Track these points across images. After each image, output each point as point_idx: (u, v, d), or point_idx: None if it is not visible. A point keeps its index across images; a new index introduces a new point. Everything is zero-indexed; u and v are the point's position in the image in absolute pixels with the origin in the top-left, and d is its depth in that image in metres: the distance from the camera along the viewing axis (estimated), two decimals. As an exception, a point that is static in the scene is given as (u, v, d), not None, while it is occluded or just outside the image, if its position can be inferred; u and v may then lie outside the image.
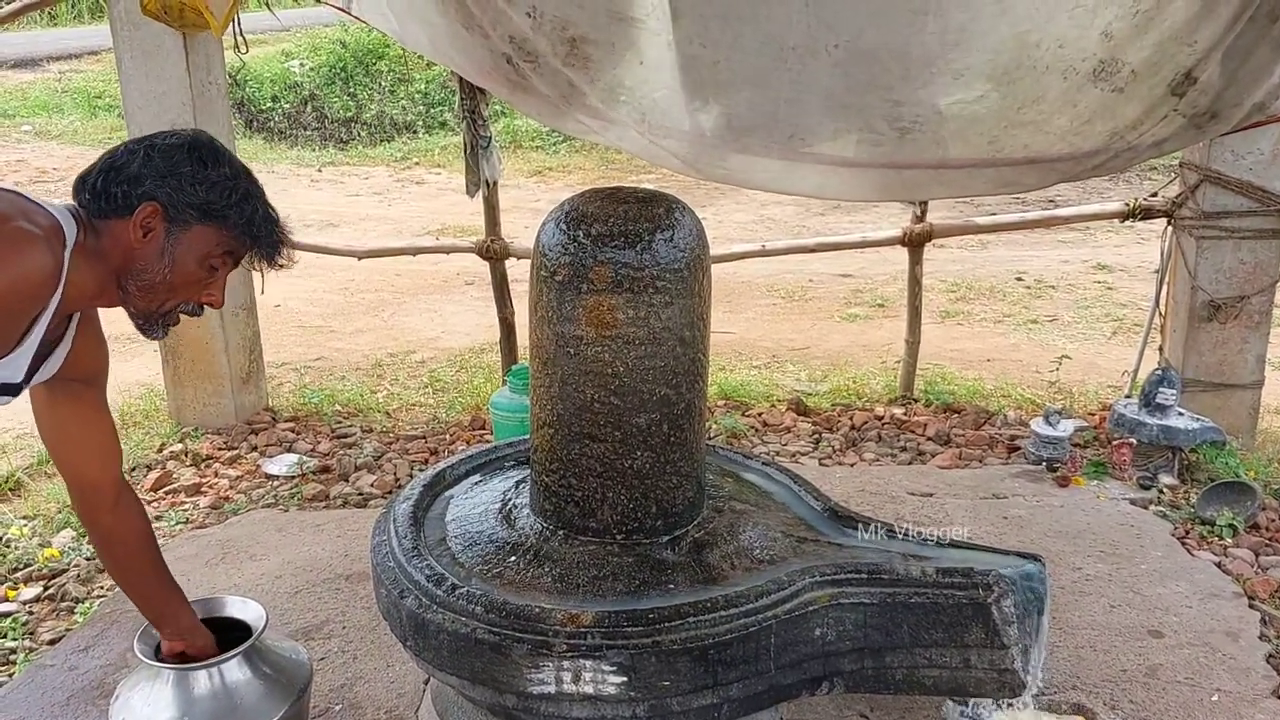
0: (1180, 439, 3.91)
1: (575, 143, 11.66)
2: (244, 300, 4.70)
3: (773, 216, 9.31)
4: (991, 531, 3.52)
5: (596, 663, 1.94)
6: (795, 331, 6.33)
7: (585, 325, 2.13)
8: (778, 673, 2.07)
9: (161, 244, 1.80)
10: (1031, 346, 5.97)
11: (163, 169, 1.79)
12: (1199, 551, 3.40)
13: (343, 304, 7.06)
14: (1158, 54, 2.88)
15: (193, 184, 1.80)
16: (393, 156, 12.15)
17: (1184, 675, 2.74)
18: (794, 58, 2.93)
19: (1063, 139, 3.11)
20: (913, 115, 3.03)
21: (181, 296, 1.87)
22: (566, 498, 2.26)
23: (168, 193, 1.79)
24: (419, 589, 2.11)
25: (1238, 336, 4.19)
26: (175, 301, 1.87)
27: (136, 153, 1.81)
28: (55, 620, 3.21)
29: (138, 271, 1.81)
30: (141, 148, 1.82)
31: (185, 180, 1.80)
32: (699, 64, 3.03)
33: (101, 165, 1.82)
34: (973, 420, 4.60)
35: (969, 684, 2.19)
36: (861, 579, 2.13)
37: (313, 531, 3.66)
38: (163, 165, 1.79)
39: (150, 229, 1.79)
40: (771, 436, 4.53)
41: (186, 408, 4.67)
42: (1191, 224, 4.16)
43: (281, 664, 2.29)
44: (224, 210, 1.83)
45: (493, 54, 3.17)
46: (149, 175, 1.79)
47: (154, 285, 1.83)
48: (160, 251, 1.81)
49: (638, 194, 2.26)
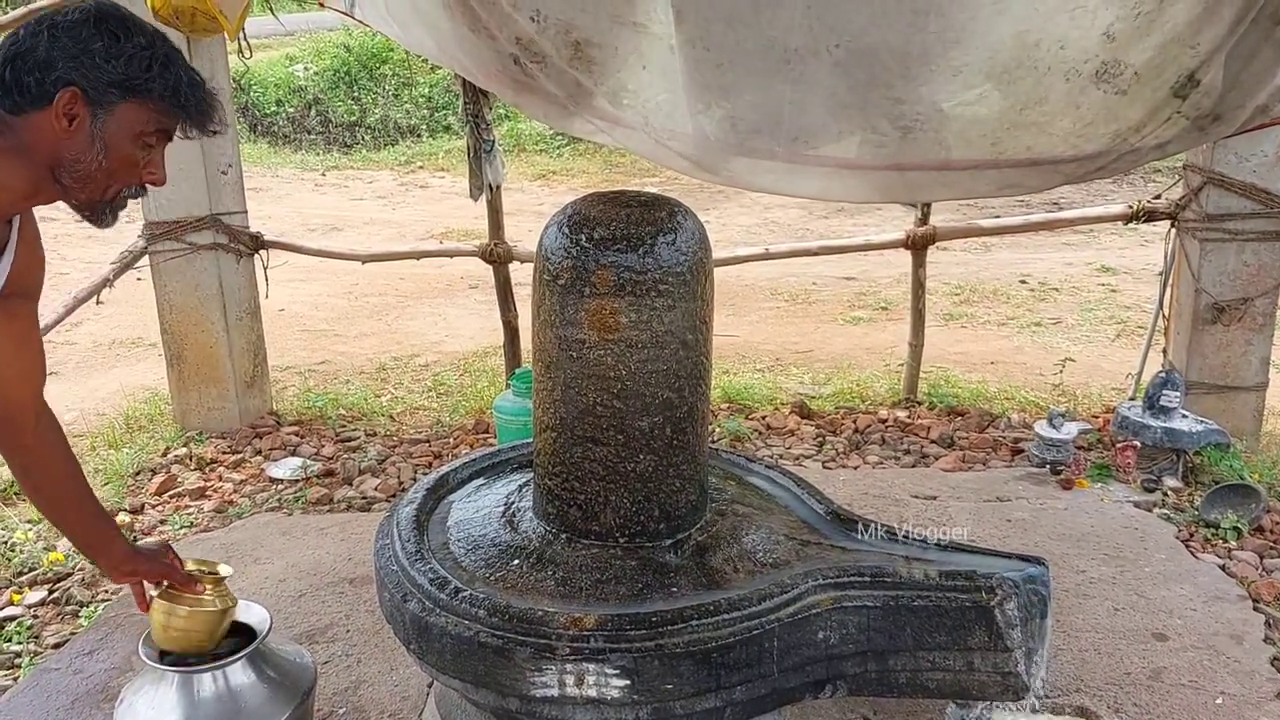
0: (1184, 441, 3.91)
1: (579, 146, 11.68)
2: (248, 305, 4.71)
3: (776, 220, 9.32)
4: (995, 534, 3.52)
5: (600, 666, 1.94)
6: (798, 334, 6.33)
7: (588, 329, 2.14)
8: (781, 676, 2.06)
9: (89, 130, 1.70)
10: (1035, 349, 5.97)
11: (73, 49, 1.67)
12: (1203, 554, 3.39)
13: (347, 308, 7.07)
14: (1160, 56, 2.89)
15: (108, 60, 1.68)
16: (396, 160, 12.18)
17: (1188, 678, 2.73)
18: (796, 59, 2.94)
19: (1066, 141, 3.11)
20: (914, 114, 3.04)
21: (122, 181, 1.78)
22: (569, 501, 2.26)
23: (84, 74, 1.67)
24: (422, 592, 2.11)
25: (1241, 339, 4.18)
26: (117, 186, 1.78)
27: (40, 34, 1.68)
28: (60, 624, 3.21)
29: (70, 163, 1.72)
30: (44, 28, 1.68)
31: (99, 57, 1.68)
32: (702, 67, 3.04)
33: (4, 54, 1.69)
34: (976, 423, 4.60)
35: (972, 687, 2.18)
36: (865, 582, 2.13)
37: (316, 535, 3.67)
38: (72, 45, 1.67)
39: (74, 115, 1.68)
40: (775, 439, 4.53)
41: (191, 412, 4.67)
42: (1195, 226, 4.15)
43: (286, 667, 2.29)
44: (146, 83, 1.72)
45: (499, 55, 3.18)
46: (60, 58, 1.67)
47: (91, 174, 1.74)
48: (90, 138, 1.71)
49: (640, 198, 2.27)
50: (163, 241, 4.43)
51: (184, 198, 4.31)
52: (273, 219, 8.15)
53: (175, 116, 1.79)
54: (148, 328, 4.97)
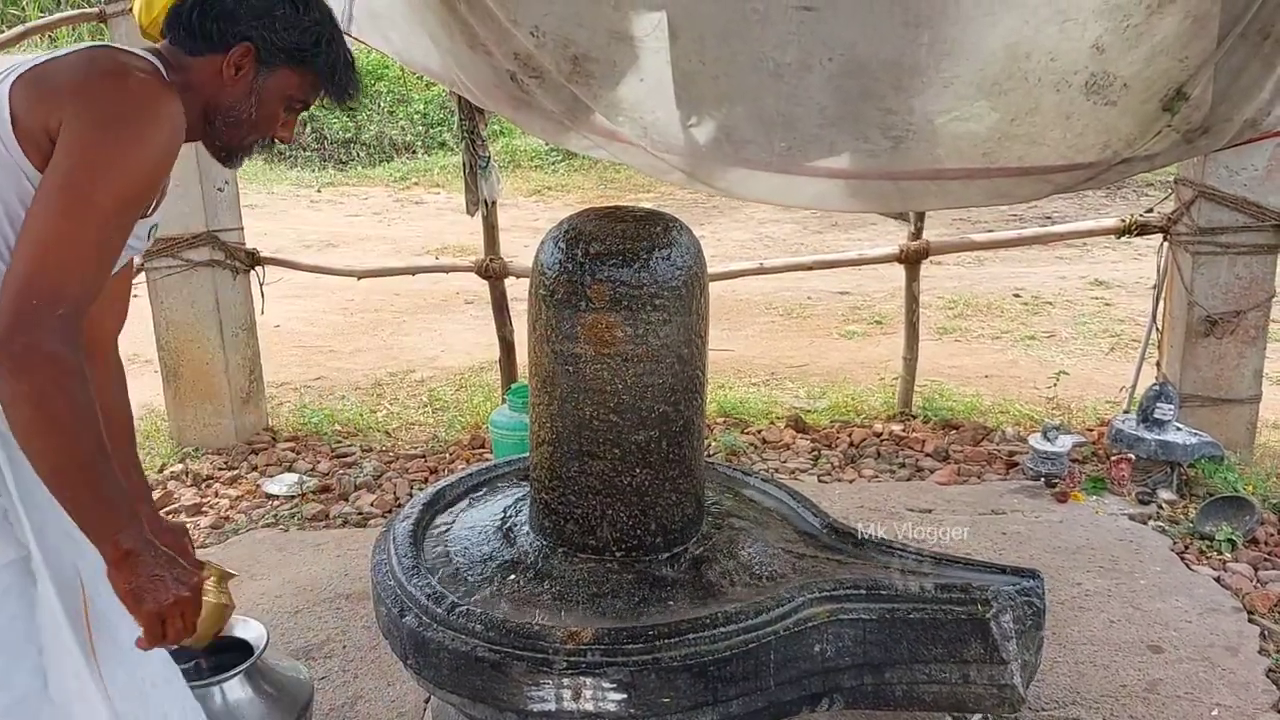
0: (1178, 454, 3.92)
1: (574, 162, 11.70)
2: (244, 321, 4.71)
3: (771, 234, 9.34)
4: (990, 547, 3.53)
5: (597, 680, 1.94)
6: (794, 349, 6.35)
7: (584, 343, 2.14)
8: (777, 689, 2.07)
9: (250, 83, 1.85)
10: (1029, 362, 5.98)
11: (259, 8, 1.82)
12: (1198, 566, 3.40)
13: (342, 324, 7.08)
14: (1149, 68, 2.91)
15: (286, 28, 1.83)
16: (392, 177, 12.19)
17: (1184, 690, 2.74)
18: (789, 72, 2.96)
19: (1057, 151, 3.13)
20: (906, 124, 3.07)
21: (260, 132, 1.92)
22: (566, 515, 2.27)
23: (262, 34, 1.82)
24: (419, 607, 2.11)
25: (1234, 351, 4.20)
26: (256, 136, 1.92)
27: None
28: (56, 641, 3.20)
29: (226, 108, 1.85)
30: None
31: (279, 23, 1.83)
32: (696, 80, 3.06)
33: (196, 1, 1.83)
34: (971, 436, 4.61)
35: (968, 699, 2.19)
36: (860, 595, 2.14)
37: (313, 551, 3.66)
38: (259, 5, 1.82)
39: (242, 67, 1.83)
40: (770, 453, 4.53)
41: (187, 428, 4.67)
42: (1187, 240, 4.17)
43: (283, 683, 2.29)
44: (312, 55, 1.87)
45: (496, 72, 3.20)
46: (245, 15, 1.81)
47: (240, 121, 1.87)
48: (249, 90, 1.85)
49: (636, 213, 2.28)
50: (159, 258, 4.43)
51: (180, 214, 4.31)
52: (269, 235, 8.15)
53: (323, 90, 1.94)
54: (144, 344, 4.97)
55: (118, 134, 1.65)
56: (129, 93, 1.68)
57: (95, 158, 1.62)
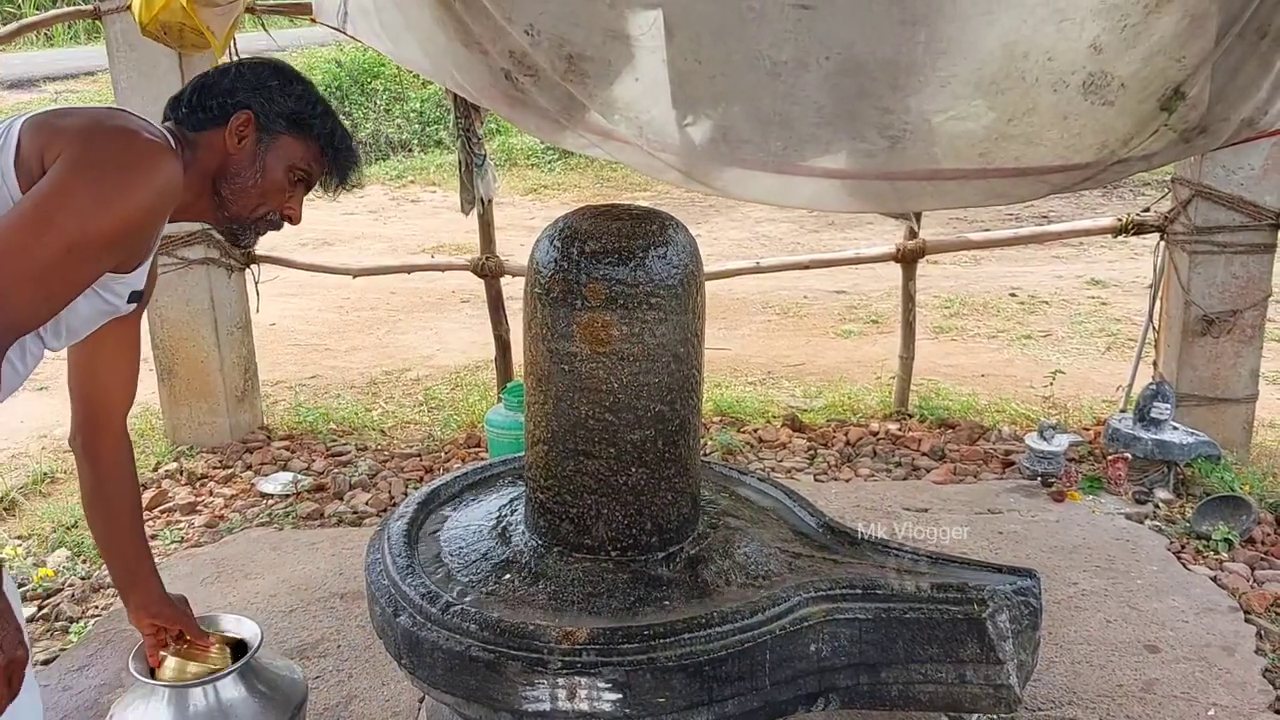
0: (1175, 453, 3.92)
1: (570, 160, 11.68)
2: (239, 319, 4.70)
3: (767, 234, 9.33)
4: (987, 546, 3.52)
5: (591, 680, 1.94)
6: (790, 348, 6.34)
7: (579, 342, 2.14)
8: (773, 689, 2.06)
9: (254, 150, 1.92)
10: (1025, 361, 5.98)
11: (253, 82, 1.93)
12: (1195, 566, 3.40)
13: (338, 322, 7.06)
14: (1147, 68, 2.91)
15: (282, 95, 1.94)
16: (388, 175, 12.16)
17: (1180, 690, 2.73)
18: (785, 71, 2.95)
19: (1054, 151, 3.13)
20: (902, 124, 3.06)
21: (270, 204, 1.97)
22: (561, 514, 2.26)
23: (260, 102, 1.92)
24: (413, 607, 2.11)
25: (1231, 351, 4.20)
26: (264, 209, 1.97)
27: (227, 71, 1.96)
28: (50, 640, 3.19)
29: (231, 175, 1.92)
30: (232, 67, 1.97)
31: (275, 92, 1.94)
32: (692, 79, 3.05)
33: (193, 85, 1.95)
34: (967, 435, 4.60)
35: (965, 699, 2.19)
36: (856, 594, 2.14)
37: (307, 550, 3.65)
38: (253, 79, 1.94)
39: (244, 135, 1.91)
40: (767, 452, 4.53)
41: (182, 426, 4.66)
42: (1184, 239, 4.17)
43: (277, 682, 2.28)
44: (310, 120, 1.97)
45: (491, 70, 3.19)
46: (241, 88, 1.92)
47: (246, 189, 1.93)
48: (253, 157, 1.92)
49: (632, 211, 2.27)
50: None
51: (175, 212, 4.29)
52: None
53: (323, 161, 2.01)
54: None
55: (104, 174, 1.68)
56: (129, 146, 1.74)
57: (74, 187, 1.65)
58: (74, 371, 2.12)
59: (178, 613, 2.21)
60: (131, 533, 2.20)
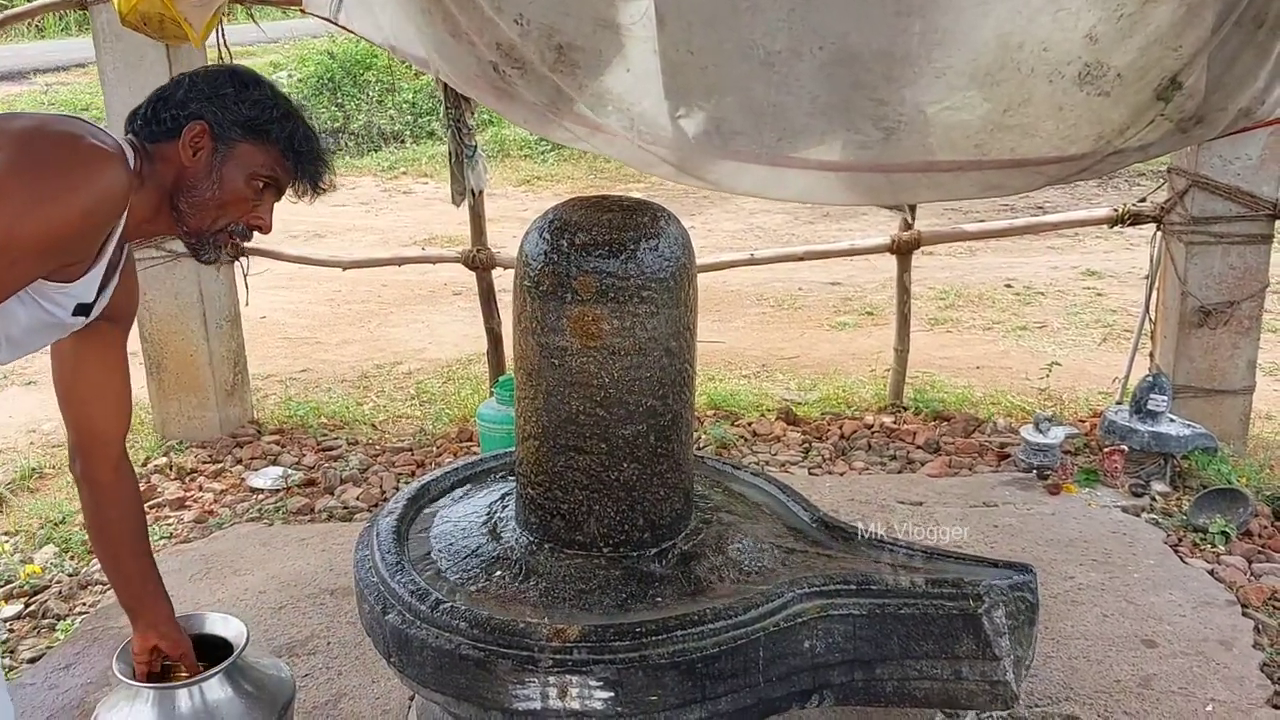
0: (1172, 445, 3.90)
1: (563, 151, 11.64)
2: (228, 312, 4.66)
3: (761, 225, 9.30)
4: (982, 540, 3.50)
5: (583, 678, 1.91)
6: (784, 340, 6.31)
7: (570, 336, 2.11)
8: (767, 686, 2.04)
9: (210, 161, 1.87)
10: (1021, 353, 5.96)
11: (207, 91, 1.88)
12: (1192, 559, 3.38)
13: (328, 315, 7.02)
14: (1143, 58, 2.88)
15: (236, 103, 1.88)
16: (379, 166, 12.11)
17: (1178, 685, 2.71)
18: (778, 61, 2.92)
19: (1049, 142, 3.10)
20: (896, 115, 3.03)
21: (231, 215, 1.91)
22: (552, 511, 2.23)
23: (214, 112, 1.87)
24: (402, 604, 2.08)
25: (1228, 342, 4.18)
26: (225, 220, 1.91)
27: (182, 82, 1.91)
28: (36, 638, 3.16)
29: (188, 188, 1.87)
30: (186, 78, 1.92)
31: (229, 100, 1.88)
32: (684, 70, 3.02)
33: (150, 98, 1.91)
34: (962, 428, 4.58)
35: (960, 696, 2.16)
36: (851, 590, 2.11)
37: (297, 546, 3.62)
38: (207, 88, 1.89)
39: (199, 147, 1.86)
40: (761, 446, 4.50)
41: (171, 421, 4.63)
42: (1181, 229, 4.15)
43: (263, 681, 2.24)
44: (266, 126, 1.90)
45: (479, 62, 3.16)
46: (195, 98, 1.87)
47: (204, 202, 1.88)
48: (209, 168, 1.87)
49: (623, 202, 2.24)
50: (142, 248, 4.38)
51: (163, 205, 4.25)
52: (255, 226, 8.08)
53: (287, 164, 1.94)
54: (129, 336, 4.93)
55: (41, 176, 1.65)
56: (72, 150, 1.70)
57: (8, 188, 1.61)
58: (61, 400, 2.10)
59: (181, 640, 2.19)
60: (135, 554, 2.18)
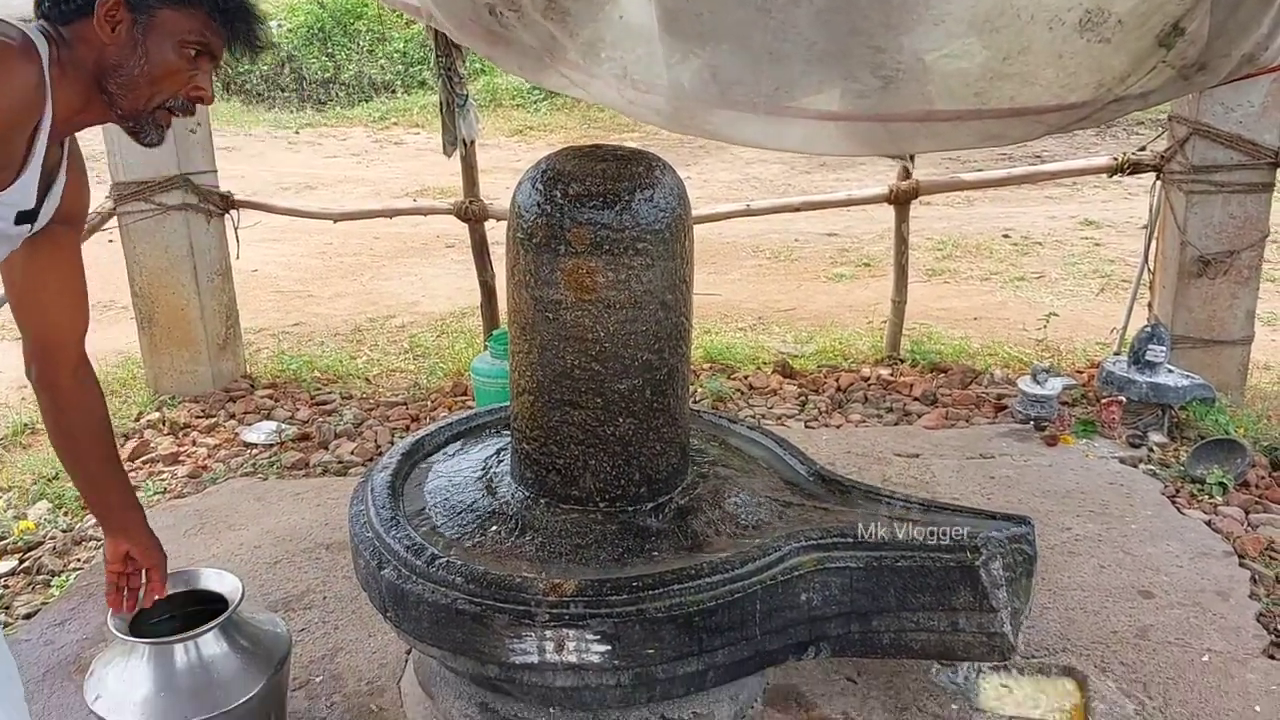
0: (1170, 396, 3.88)
1: (556, 101, 11.54)
2: (219, 266, 4.62)
3: (758, 175, 9.24)
4: (979, 491, 3.49)
5: (580, 632, 1.91)
6: (781, 292, 6.28)
7: (564, 289, 2.08)
8: (763, 638, 2.04)
9: (131, 34, 1.72)
10: (1019, 304, 5.94)
11: None
12: (1189, 510, 3.37)
13: (321, 268, 6.98)
14: (1145, 4, 2.82)
15: None
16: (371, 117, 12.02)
17: (1175, 636, 2.71)
18: (775, 8, 2.86)
19: (1049, 90, 3.05)
20: (895, 64, 2.98)
21: (167, 90, 1.78)
22: (548, 466, 2.21)
23: None
24: (398, 559, 2.07)
25: (1227, 292, 4.15)
26: (162, 96, 1.78)
27: None
28: (31, 594, 3.15)
29: (114, 68, 1.74)
30: None
31: None
32: (680, 17, 2.96)
33: None
34: (959, 380, 4.57)
35: (957, 647, 2.16)
36: (847, 543, 2.10)
37: (292, 500, 3.61)
38: None
39: (116, 20, 1.71)
40: (757, 399, 4.49)
41: (163, 375, 4.60)
42: (1180, 178, 4.11)
43: (259, 636, 2.24)
44: None
45: (474, 5, 3.09)
46: None
47: (134, 80, 1.75)
48: (133, 43, 1.73)
49: (617, 152, 2.21)
50: (131, 202, 4.33)
51: (151, 157, 4.19)
52: (246, 178, 8.01)
53: (215, 25, 1.79)
54: (119, 290, 4.88)
55: None
56: None
57: None
58: (17, 309, 2.00)
59: (154, 548, 2.11)
60: (100, 458, 2.08)
